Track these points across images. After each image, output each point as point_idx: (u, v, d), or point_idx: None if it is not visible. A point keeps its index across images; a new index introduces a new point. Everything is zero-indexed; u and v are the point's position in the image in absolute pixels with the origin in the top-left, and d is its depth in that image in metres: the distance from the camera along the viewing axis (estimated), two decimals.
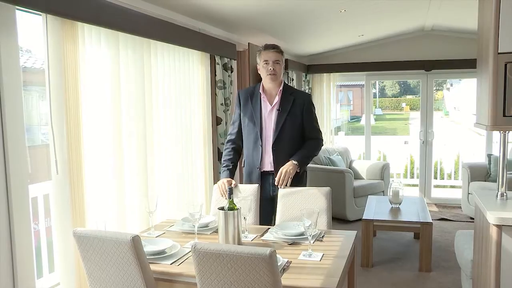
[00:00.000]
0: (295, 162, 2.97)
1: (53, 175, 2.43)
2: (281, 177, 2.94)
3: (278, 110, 3.06)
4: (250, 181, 3.16)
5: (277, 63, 3.06)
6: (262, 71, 3.11)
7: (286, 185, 2.95)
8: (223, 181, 3.01)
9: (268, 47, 3.09)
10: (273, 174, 3.06)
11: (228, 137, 3.26)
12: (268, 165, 3.10)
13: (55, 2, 2.22)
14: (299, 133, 3.11)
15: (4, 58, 2.08)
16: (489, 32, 2.59)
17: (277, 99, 3.09)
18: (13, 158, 2.14)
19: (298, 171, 3.01)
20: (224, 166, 3.16)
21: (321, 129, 3.27)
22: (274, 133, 3.04)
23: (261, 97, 3.12)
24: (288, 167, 2.95)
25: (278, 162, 3.02)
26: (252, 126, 3.10)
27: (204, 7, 3.45)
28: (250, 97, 3.14)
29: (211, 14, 3.68)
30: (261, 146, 3.07)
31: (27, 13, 2.26)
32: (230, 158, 3.17)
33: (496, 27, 2.54)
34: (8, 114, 2.12)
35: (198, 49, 3.71)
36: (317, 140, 3.18)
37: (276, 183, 2.97)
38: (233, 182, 2.99)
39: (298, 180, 3.09)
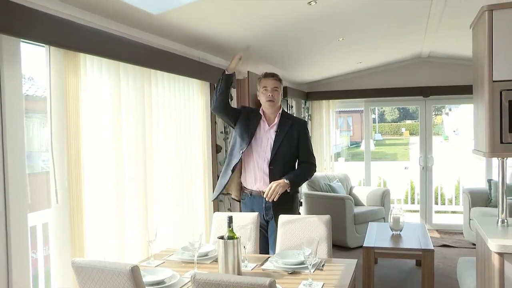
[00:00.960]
0: (287, 181, 3.04)
1: (52, 204, 2.43)
2: (270, 191, 3.00)
3: (276, 131, 3.18)
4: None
5: (275, 90, 3.21)
6: (261, 97, 3.26)
7: (273, 200, 3.01)
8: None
9: (267, 75, 3.27)
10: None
11: None
12: (262, 184, 3.15)
13: (58, 35, 2.27)
14: (294, 157, 3.22)
15: (7, 87, 2.11)
16: (483, 61, 2.64)
17: (276, 121, 3.23)
18: (13, 187, 2.14)
19: (288, 190, 3.04)
20: None
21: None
22: (271, 152, 3.14)
23: (261, 118, 3.25)
24: (279, 183, 3.01)
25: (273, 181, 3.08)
26: (245, 139, 3.18)
27: (204, 37, 3.51)
28: (252, 113, 3.29)
29: (211, 43, 3.75)
30: (244, 162, 3.19)
31: (31, 44, 2.30)
32: None
33: (490, 56, 2.59)
34: (10, 143, 2.13)
35: (198, 78, 3.76)
36: (311, 164, 3.26)
37: (264, 195, 3.03)
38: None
39: (289, 201, 3.16)
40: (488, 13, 2.60)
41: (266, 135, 3.20)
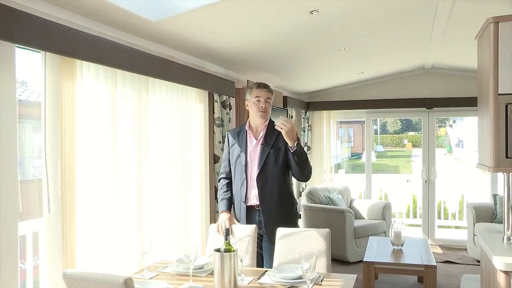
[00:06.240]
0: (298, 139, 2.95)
1: (44, 213, 2.37)
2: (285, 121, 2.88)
3: (262, 144, 3.12)
4: (237, 217, 3.15)
5: (267, 101, 3.15)
6: (252, 107, 3.16)
7: (281, 125, 2.87)
8: (224, 221, 3.00)
9: (260, 85, 3.18)
10: (259, 210, 3.05)
11: (221, 176, 3.30)
12: (254, 199, 3.08)
13: (54, 41, 2.24)
14: (283, 167, 3.10)
15: (1, 92, 2.08)
16: (489, 73, 2.58)
17: (262, 133, 3.15)
18: (4, 196, 2.10)
19: (295, 146, 2.91)
20: (222, 199, 3.18)
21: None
22: (258, 165, 3.07)
23: (247, 134, 3.19)
24: (293, 124, 2.93)
25: (264, 195, 3.03)
26: (239, 161, 3.15)
27: (204, 46, 3.48)
28: (238, 135, 3.22)
29: (211, 52, 3.71)
30: (246, 180, 3.09)
31: (26, 50, 2.26)
32: (226, 191, 3.21)
33: (496, 69, 2.53)
34: (2, 149, 2.09)
35: (197, 87, 3.72)
36: None
37: (278, 120, 2.92)
38: (233, 222, 3.02)
39: (283, 218, 3.06)
40: (494, 25, 2.54)
41: (255, 150, 3.15)
